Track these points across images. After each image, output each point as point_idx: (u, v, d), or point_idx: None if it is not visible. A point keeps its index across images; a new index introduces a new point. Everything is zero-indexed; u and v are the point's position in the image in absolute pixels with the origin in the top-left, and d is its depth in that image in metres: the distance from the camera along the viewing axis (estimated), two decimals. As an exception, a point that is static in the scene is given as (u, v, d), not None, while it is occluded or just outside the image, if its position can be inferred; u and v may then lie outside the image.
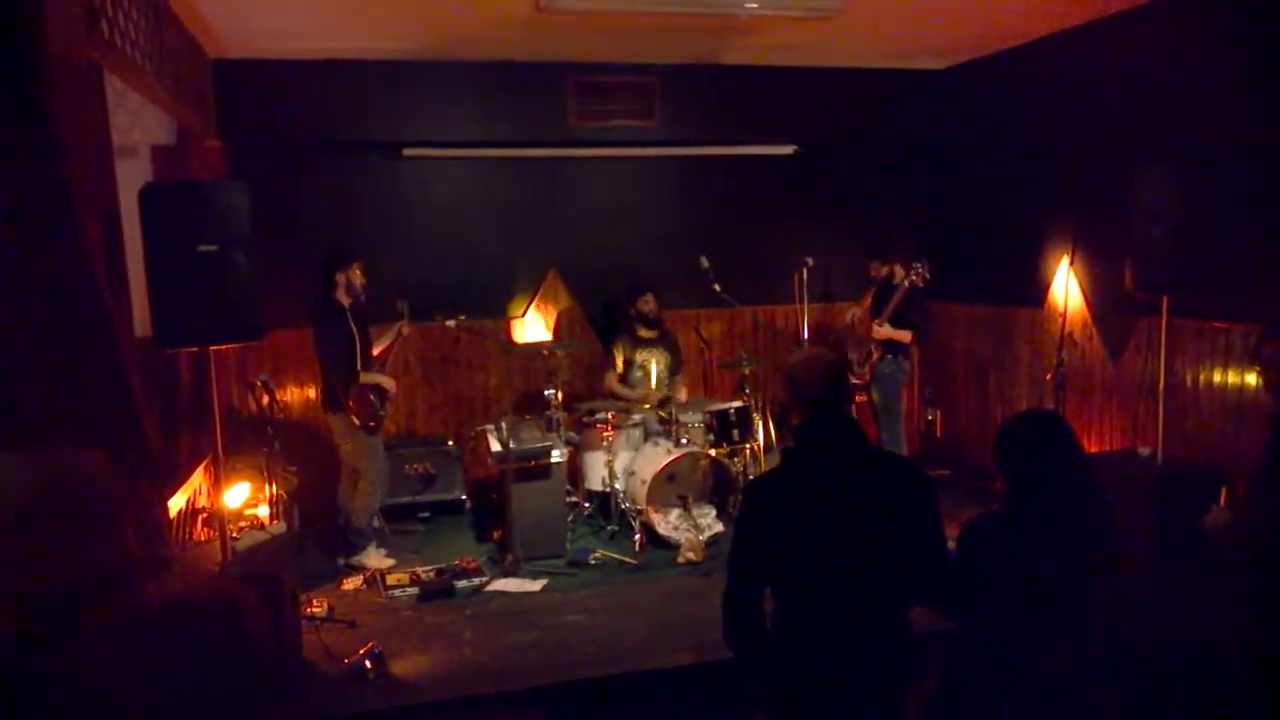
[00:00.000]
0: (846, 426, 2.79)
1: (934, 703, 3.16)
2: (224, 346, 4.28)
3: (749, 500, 2.86)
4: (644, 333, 7.24)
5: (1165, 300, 5.31)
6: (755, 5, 5.59)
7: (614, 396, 7.27)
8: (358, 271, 5.96)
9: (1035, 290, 7.01)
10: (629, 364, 7.25)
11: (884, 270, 6.94)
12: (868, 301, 7.05)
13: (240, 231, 4.00)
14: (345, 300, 5.91)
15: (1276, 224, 5.06)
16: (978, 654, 3.00)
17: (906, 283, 6.57)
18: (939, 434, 8.16)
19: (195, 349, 4.25)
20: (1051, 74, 6.81)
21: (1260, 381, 3.39)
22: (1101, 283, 6.38)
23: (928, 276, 6.55)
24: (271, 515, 5.00)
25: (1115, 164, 5.92)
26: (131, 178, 4.57)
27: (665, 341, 7.33)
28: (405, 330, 6.42)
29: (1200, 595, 3.76)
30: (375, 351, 6.21)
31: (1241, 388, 5.28)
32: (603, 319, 7.81)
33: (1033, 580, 2.82)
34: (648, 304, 7.17)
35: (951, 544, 2.93)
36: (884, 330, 6.69)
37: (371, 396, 5.94)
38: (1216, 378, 5.49)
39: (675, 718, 4.61)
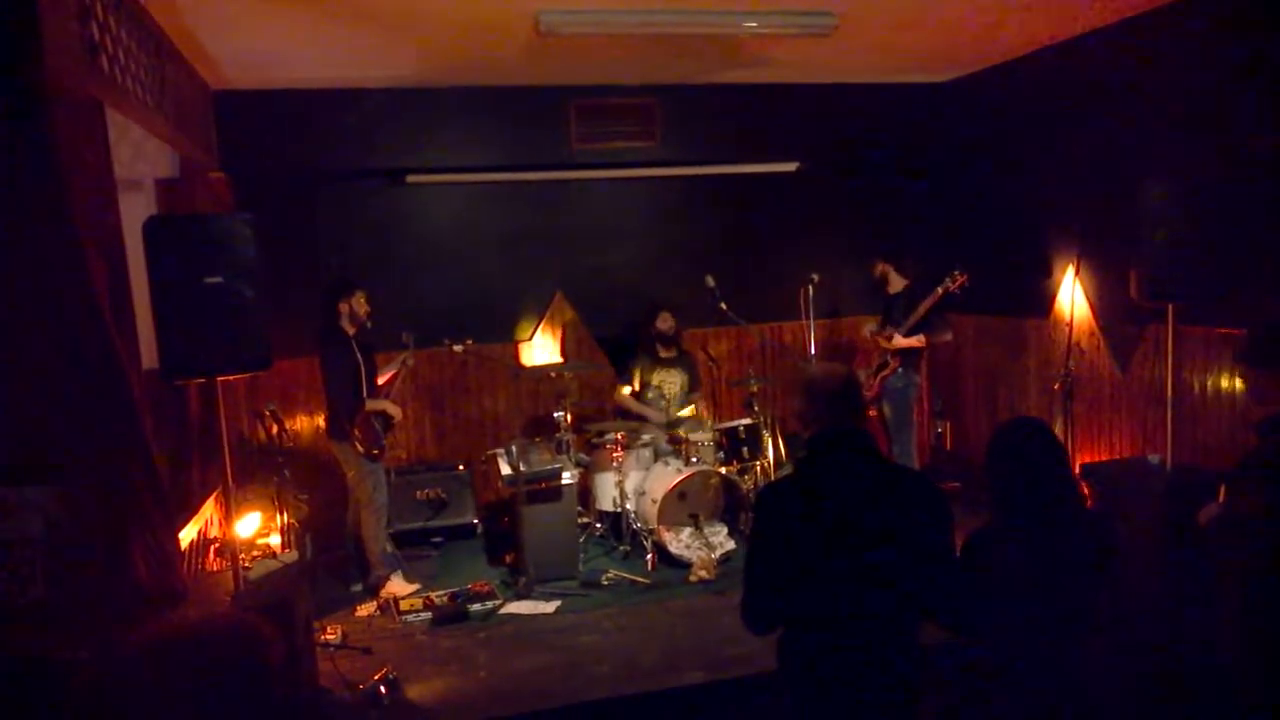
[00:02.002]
0: (861, 438, 2.81)
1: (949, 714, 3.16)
2: (231, 377, 4.28)
3: (761, 508, 2.91)
4: (663, 353, 7.25)
5: (1171, 308, 5.29)
6: (754, 24, 5.62)
7: (624, 409, 7.27)
8: (361, 300, 5.98)
9: (1042, 300, 7.00)
10: (645, 384, 7.25)
11: (879, 269, 7.00)
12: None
13: (245, 262, 4.01)
14: (349, 328, 5.93)
15: (1278, 230, 5.06)
16: (989, 664, 3.00)
17: (941, 289, 6.52)
18: (949, 446, 8.14)
19: (202, 380, 4.26)
20: (1053, 84, 6.81)
21: (1243, 383, 3.41)
22: (1107, 292, 6.37)
23: (965, 284, 6.47)
24: (283, 544, 5.00)
25: (1119, 173, 5.94)
26: (136, 211, 4.60)
27: (683, 362, 7.33)
28: (410, 362, 6.43)
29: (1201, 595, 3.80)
30: (380, 381, 6.22)
31: (1251, 392, 5.27)
32: (619, 341, 7.82)
33: (1033, 583, 2.83)
34: (665, 322, 7.19)
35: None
36: (898, 341, 6.66)
37: (375, 424, 5.95)
38: (1224, 384, 5.46)
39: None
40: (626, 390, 7.30)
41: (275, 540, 5.01)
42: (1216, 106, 5.44)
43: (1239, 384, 5.35)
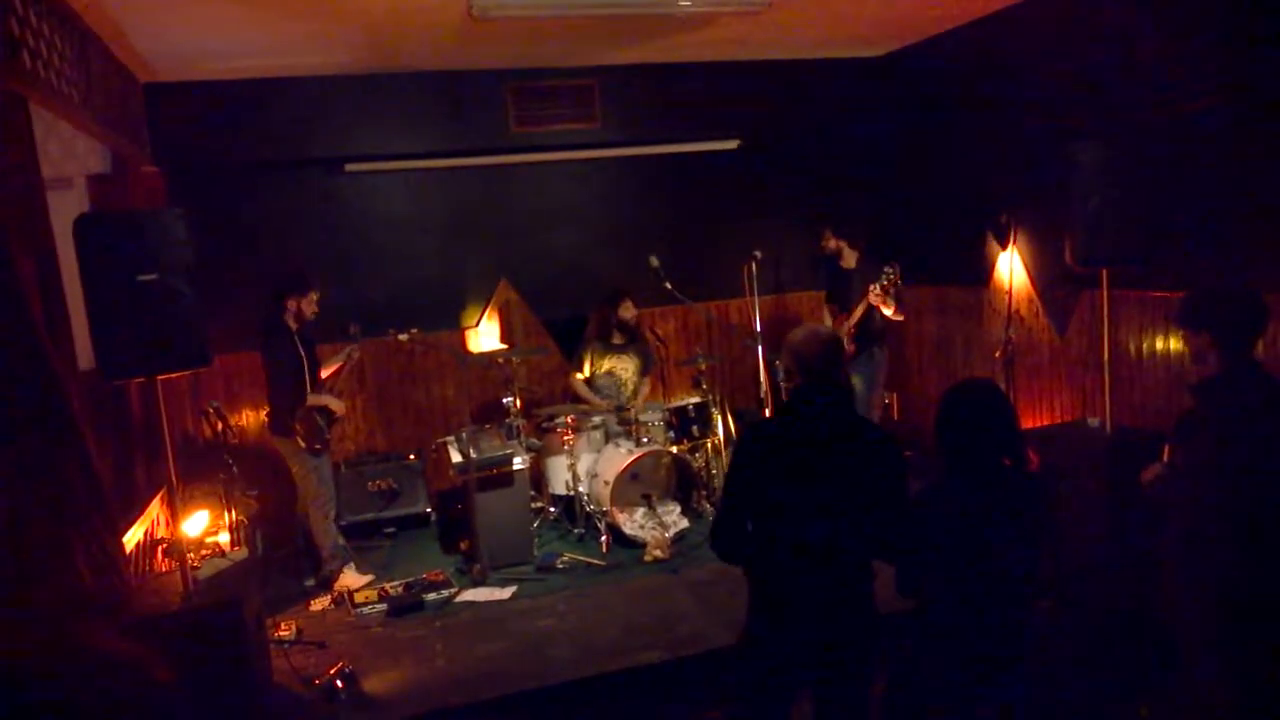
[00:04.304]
0: (837, 393, 3.12)
1: (897, 683, 3.23)
2: (171, 375, 4.21)
3: (744, 440, 3.27)
4: (618, 339, 7.20)
5: (1105, 273, 5.40)
6: (688, 3, 5.62)
7: (576, 396, 7.26)
8: (313, 300, 5.88)
9: (981, 270, 7.11)
10: (597, 371, 7.22)
11: (832, 244, 7.00)
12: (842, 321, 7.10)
13: (180, 258, 3.94)
14: (293, 324, 5.84)
15: (1207, 193, 5.18)
16: (933, 629, 3.06)
17: (878, 288, 6.47)
18: (896, 417, 8.25)
19: (142, 379, 4.19)
20: (986, 55, 6.90)
21: (1184, 346, 3.48)
22: (1044, 259, 6.49)
23: (899, 280, 6.49)
24: (232, 541, 4.93)
25: (1052, 142, 6.02)
26: (67, 209, 4.50)
27: (636, 348, 7.28)
28: (356, 355, 6.28)
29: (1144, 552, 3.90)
30: (324, 374, 6.13)
31: (1183, 354, 5.39)
32: (566, 325, 7.81)
33: (975, 539, 2.92)
34: (628, 310, 7.13)
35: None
36: (881, 301, 6.55)
37: (317, 418, 5.86)
38: (1159, 345, 5.60)
39: (649, 715, 4.64)
40: (580, 376, 7.29)
41: (224, 538, 4.95)
42: (1147, 73, 5.54)
43: (1174, 345, 5.49)
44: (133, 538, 4.42)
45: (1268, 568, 3.16)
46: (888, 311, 6.61)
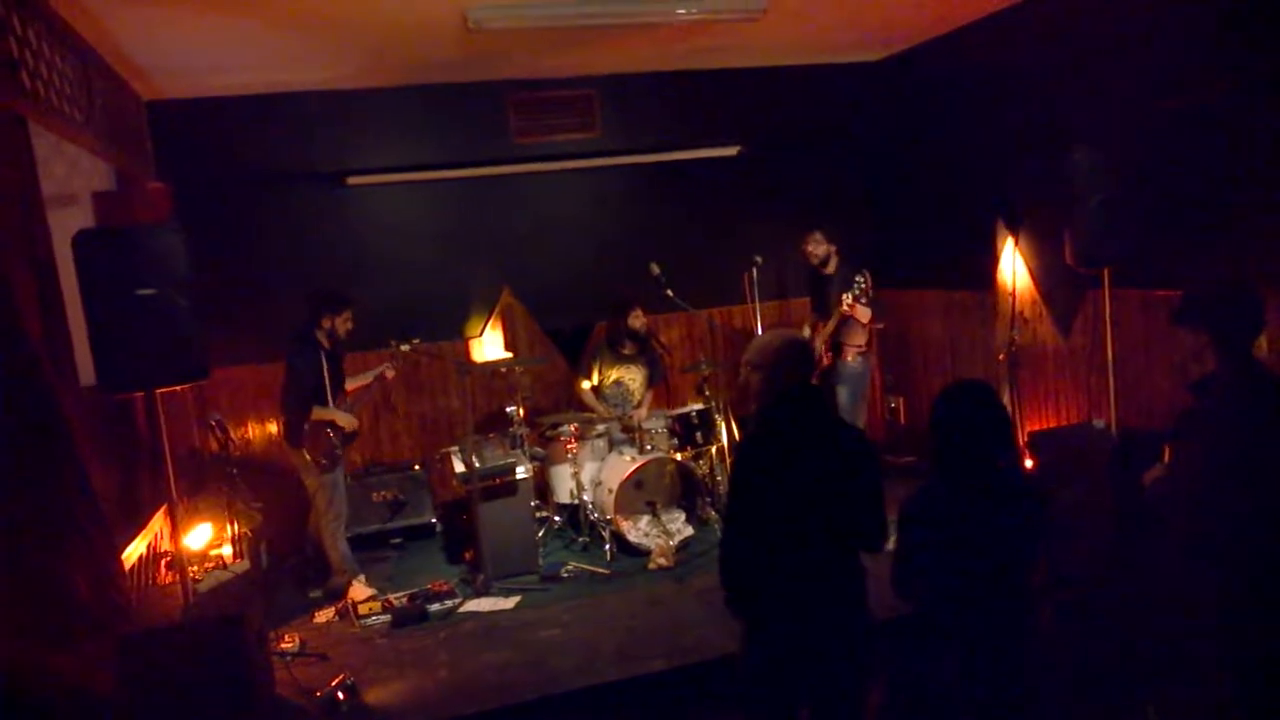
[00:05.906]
0: (811, 393, 3.16)
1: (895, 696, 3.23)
2: (171, 388, 4.23)
3: (745, 457, 3.20)
4: (627, 348, 7.14)
5: (1107, 273, 5.37)
6: (683, 11, 5.64)
7: (582, 404, 7.25)
8: (347, 318, 5.92)
9: (984, 272, 7.08)
10: (605, 381, 7.19)
11: (823, 249, 6.87)
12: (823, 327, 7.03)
13: (179, 273, 3.97)
14: (325, 342, 5.87)
15: (1208, 190, 5.15)
16: (930, 633, 3.05)
17: (850, 298, 6.33)
18: (903, 421, 8.22)
19: (142, 393, 4.22)
20: (983, 57, 6.89)
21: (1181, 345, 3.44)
22: (1046, 260, 6.46)
23: (870, 289, 6.37)
24: (234, 554, 4.96)
25: (1052, 142, 6.01)
26: (72, 225, 4.53)
27: (645, 355, 7.22)
28: (390, 373, 6.29)
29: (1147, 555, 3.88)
30: (350, 389, 6.15)
31: (1186, 353, 5.35)
32: (570, 333, 7.82)
33: (966, 542, 2.91)
34: (638, 319, 7.06)
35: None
36: (853, 309, 6.41)
37: (329, 433, 5.85)
38: (1163, 346, 5.57)
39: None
40: (586, 385, 7.27)
41: (227, 551, 4.97)
42: (1145, 71, 5.52)
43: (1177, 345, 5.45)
44: (135, 551, 4.45)
45: (1267, 565, 3.14)
46: (864, 319, 6.55)
